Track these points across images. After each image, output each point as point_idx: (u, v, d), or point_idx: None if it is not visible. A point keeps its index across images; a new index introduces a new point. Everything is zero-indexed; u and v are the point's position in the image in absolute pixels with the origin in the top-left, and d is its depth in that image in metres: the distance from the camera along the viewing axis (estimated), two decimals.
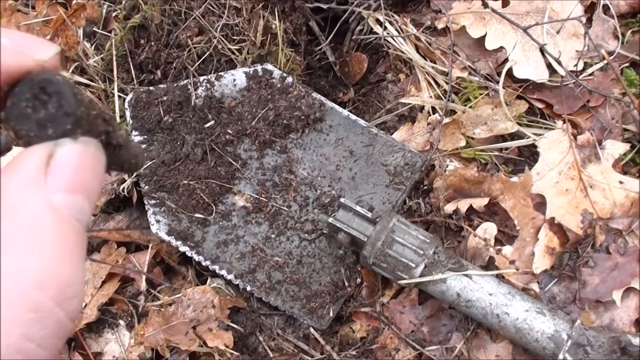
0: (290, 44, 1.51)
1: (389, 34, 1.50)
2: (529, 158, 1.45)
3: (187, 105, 1.43)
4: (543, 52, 1.45)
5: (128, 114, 1.44)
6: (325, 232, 1.41)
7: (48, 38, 1.54)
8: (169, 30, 1.47)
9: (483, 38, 1.46)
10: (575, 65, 1.44)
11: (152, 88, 1.44)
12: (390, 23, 1.52)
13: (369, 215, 1.30)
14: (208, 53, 1.45)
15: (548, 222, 1.34)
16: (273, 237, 1.42)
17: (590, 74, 1.46)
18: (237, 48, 1.45)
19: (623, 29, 1.49)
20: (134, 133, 1.44)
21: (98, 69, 1.54)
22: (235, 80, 1.44)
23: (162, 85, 1.45)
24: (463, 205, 1.37)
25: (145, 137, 1.44)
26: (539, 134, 1.42)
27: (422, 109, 1.49)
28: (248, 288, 1.41)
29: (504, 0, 1.48)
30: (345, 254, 1.41)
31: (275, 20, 1.46)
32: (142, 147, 1.41)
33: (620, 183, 1.36)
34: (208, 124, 1.43)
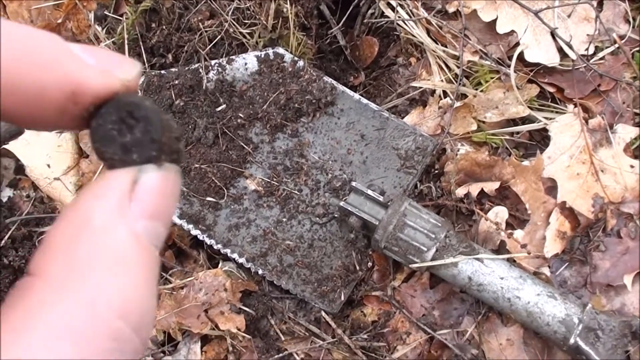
0: (302, 28, 1.50)
1: (400, 18, 1.50)
2: (540, 142, 1.45)
3: (198, 89, 1.43)
4: (554, 36, 1.44)
5: None
6: (337, 216, 1.41)
7: (59, 22, 1.54)
8: (180, 14, 1.46)
9: (494, 22, 1.46)
10: (586, 49, 1.44)
11: (163, 72, 1.44)
12: (402, 6, 1.51)
13: (381, 199, 1.30)
14: (219, 37, 1.44)
15: (559, 206, 1.34)
16: (284, 220, 1.42)
17: (601, 58, 1.46)
18: (248, 32, 1.45)
19: (634, 13, 1.48)
20: None
21: None
22: (247, 64, 1.44)
23: (173, 69, 1.45)
24: (474, 189, 1.37)
25: None
26: (550, 118, 1.42)
27: (433, 93, 1.49)
28: (260, 271, 1.42)
29: None
30: (357, 238, 1.41)
31: (287, 4, 1.45)
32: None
33: (632, 167, 1.36)
34: (219, 108, 1.43)
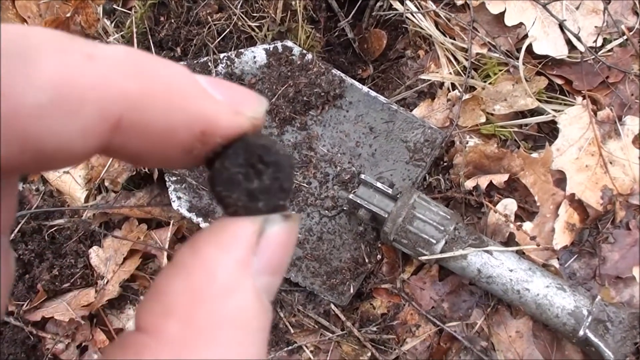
0: (310, 21, 1.51)
1: (409, 10, 1.50)
2: (549, 134, 1.45)
3: None
4: (562, 28, 1.44)
5: None
6: (346, 208, 1.41)
7: (68, 16, 1.54)
8: (189, 7, 1.46)
9: (502, 14, 1.46)
10: (595, 41, 1.44)
11: None
12: None
13: (390, 192, 1.30)
14: (228, 30, 1.45)
15: (568, 198, 1.34)
16: None
17: (610, 50, 1.46)
18: (257, 25, 1.45)
19: None
20: None
21: None
22: (255, 57, 1.44)
23: (182, 62, 1.44)
24: (483, 182, 1.37)
25: None
26: (559, 110, 1.42)
27: (441, 86, 1.49)
28: None
29: None
30: (366, 231, 1.41)
31: None
32: None
33: None
34: None
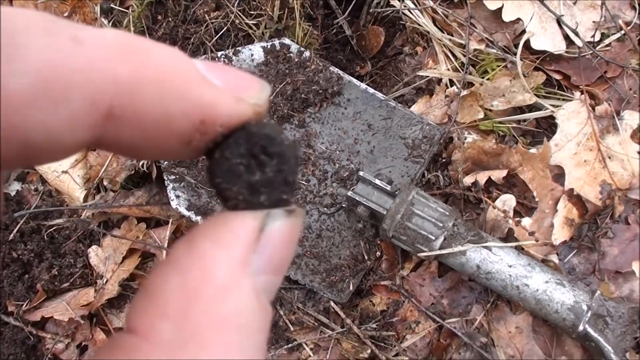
0: (307, 18, 1.50)
1: (406, 7, 1.50)
2: (547, 130, 1.44)
3: None
4: (560, 23, 1.44)
5: None
6: (345, 205, 1.41)
7: (65, 15, 1.54)
8: (186, 6, 1.46)
9: (500, 10, 1.46)
10: (593, 36, 1.44)
11: None
12: None
13: (388, 189, 1.30)
14: (225, 28, 1.45)
15: (567, 193, 1.34)
16: None
17: (607, 45, 1.46)
18: (254, 23, 1.45)
19: None
20: None
21: None
22: (253, 55, 1.44)
23: None
24: (482, 178, 1.37)
25: None
26: (557, 106, 1.41)
27: (439, 82, 1.49)
28: None
29: None
30: (365, 228, 1.41)
31: None
32: None
33: (639, 153, 1.35)
34: None
